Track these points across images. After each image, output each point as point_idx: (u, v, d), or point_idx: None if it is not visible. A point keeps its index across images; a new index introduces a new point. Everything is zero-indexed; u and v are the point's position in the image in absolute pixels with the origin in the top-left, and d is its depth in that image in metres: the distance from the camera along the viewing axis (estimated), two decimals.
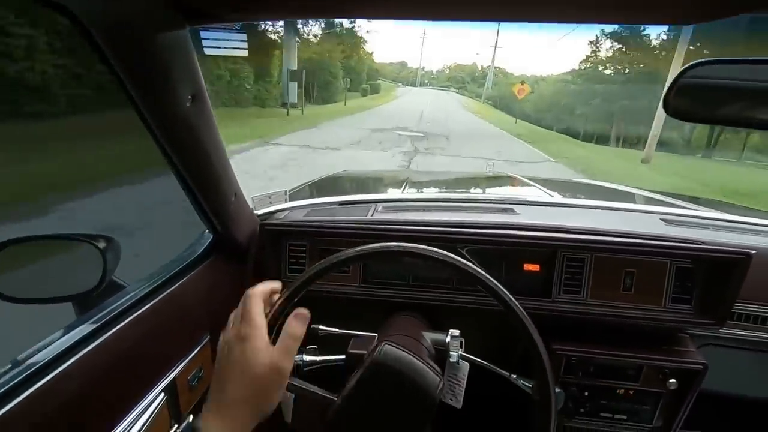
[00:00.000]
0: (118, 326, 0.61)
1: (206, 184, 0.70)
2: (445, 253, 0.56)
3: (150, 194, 3.85)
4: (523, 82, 25.19)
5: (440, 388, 0.61)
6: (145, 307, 0.67)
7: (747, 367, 1.03)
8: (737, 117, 0.57)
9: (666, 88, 0.57)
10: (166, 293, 0.71)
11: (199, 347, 0.78)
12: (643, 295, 0.90)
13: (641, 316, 0.89)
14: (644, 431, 0.97)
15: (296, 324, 0.51)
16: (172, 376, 0.70)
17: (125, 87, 0.50)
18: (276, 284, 0.56)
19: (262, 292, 0.53)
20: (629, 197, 1.61)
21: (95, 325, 0.60)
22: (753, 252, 0.81)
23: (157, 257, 0.83)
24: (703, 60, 0.54)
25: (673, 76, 0.55)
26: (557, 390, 0.66)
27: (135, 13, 0.46)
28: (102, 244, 0.68)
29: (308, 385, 0.64)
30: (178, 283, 0.75)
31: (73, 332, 0.58)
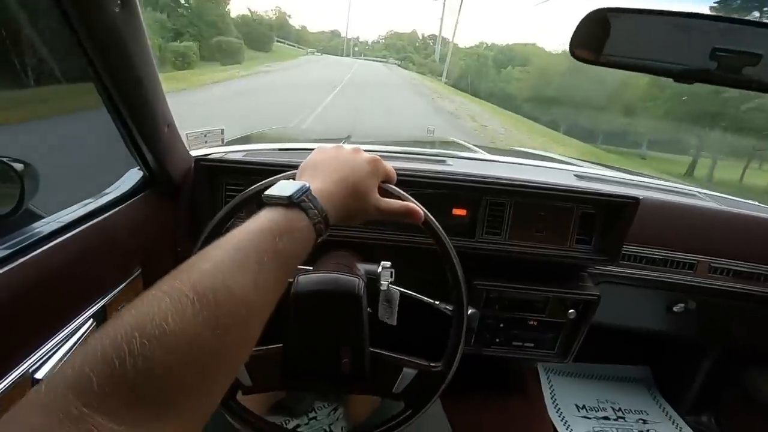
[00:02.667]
0: (40, 250, 0.59)
1: (136, 107, 0.66)
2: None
3: None
4: None
5: (359, 286, 0.67)
6: (70, 234, 0.64)
7: (630, 301, 1.22)
8: (636, 64, 0.65)
9: (573, 31, 0.63)
10: (92, 223, 0.69)
11: (130, 278, 0.77)
12: (553, 236, 1.02)
13: (551, 254, 1.01)
14: (548, 356, 1.12)
15: (404, 213, 0.54)
16: (101, 303, 0.69)
17: None
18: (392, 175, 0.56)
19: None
20: (551, 160, 1.78)
21: (12, 249, 0.57)
22: (641, 197, 0.95)
23: None
24: (608, 7, 0.61)
25: None
26: (472, 310, 0.75)
27: None
28: (19, 167, 0.64)
29: None
30: (105, 215, 0.73)
31: None
